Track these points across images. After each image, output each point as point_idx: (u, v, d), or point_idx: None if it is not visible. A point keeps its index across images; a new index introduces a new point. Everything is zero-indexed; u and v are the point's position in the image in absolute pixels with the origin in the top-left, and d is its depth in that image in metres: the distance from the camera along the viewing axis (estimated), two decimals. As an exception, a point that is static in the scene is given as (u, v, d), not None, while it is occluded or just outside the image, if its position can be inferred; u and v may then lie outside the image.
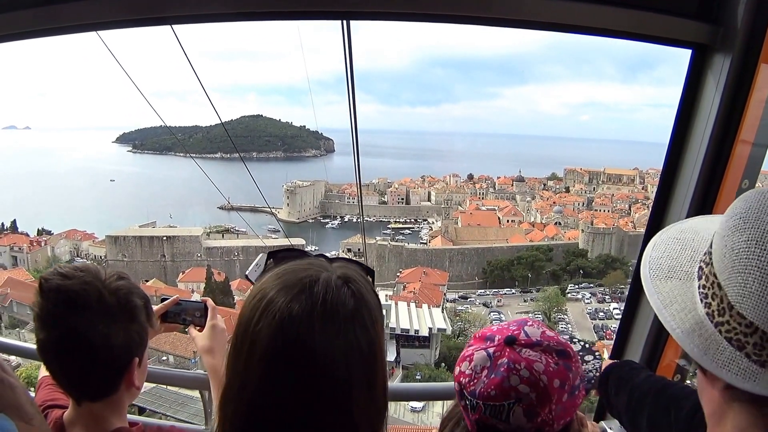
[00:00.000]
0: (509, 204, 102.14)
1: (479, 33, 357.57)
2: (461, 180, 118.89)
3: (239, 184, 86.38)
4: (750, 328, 1.02)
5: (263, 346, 1.07)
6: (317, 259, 1.21)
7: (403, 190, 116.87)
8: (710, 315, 1.09)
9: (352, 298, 1.10)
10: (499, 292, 75.34)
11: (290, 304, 1.06)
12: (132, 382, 1.58)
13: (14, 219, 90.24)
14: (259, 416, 1.10)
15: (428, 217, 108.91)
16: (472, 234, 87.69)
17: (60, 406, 1.71)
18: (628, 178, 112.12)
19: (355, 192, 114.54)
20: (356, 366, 1.08)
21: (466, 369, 1.43)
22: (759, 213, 1.01)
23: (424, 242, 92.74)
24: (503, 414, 1.35)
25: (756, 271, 0.98)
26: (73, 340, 1.46)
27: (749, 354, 1.03)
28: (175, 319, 2.23)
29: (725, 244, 1.05)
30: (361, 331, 1.09)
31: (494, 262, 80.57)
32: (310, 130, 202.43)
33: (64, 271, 1.51)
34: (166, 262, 75.81)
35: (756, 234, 1.00)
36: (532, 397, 1.34)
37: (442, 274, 70.22)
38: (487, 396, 1.35)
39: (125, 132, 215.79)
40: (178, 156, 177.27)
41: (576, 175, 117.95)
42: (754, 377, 1.03)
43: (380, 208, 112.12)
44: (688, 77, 2.38)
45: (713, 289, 1.08)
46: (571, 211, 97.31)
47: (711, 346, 1.08)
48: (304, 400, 1.06)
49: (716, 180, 2.33)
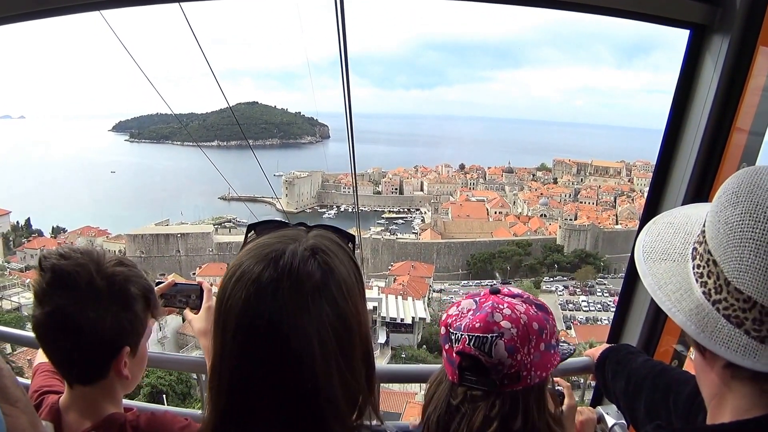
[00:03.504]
0: (497, 196, 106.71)
1: (473, 15, 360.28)
2: (452, 170, 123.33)
3: (237, 173, 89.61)
4: (748, 303, 1.02)
5: (234, 321, 1.07)
6: (294, 230, 1.21)
7: (397, 180, 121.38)
8: (707, 294, 1.09)
9: (319, 270, 1.08)
10: (481, 284, 78.17)
11: (257, 279, 1.06)
12: (120, 370, 1.60)
13: (28, 217, 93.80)
14: (235, 393, 1.10)
15: (421, 207, 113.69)
16: (459, 227, 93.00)
17: (56, 392, 1.77)
18: (614, 170, 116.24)
19: (351, 182, 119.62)
20: (327, 339, 1.06)
21: (453, 312, 1.55)
22: (751, 187, 1.03)
23: (416, 232, 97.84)
24: (486, 346, 1.44)
25: (752, 243, 0.99)
26: (60, 318, 1.50)
27: (748, 330, 1.03)
28: (170, 302, 2.22)
29: (719, 219, 1.06)
30: (330, 303, 1.07)
31: (477, 255, 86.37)
32: (306, 117, 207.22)
33: (63, 251, 1.55)
34: (180, 257, 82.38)
35: (750, 206, 1.01)
36: (513, 332, 1.44)
37: (429, 267, 76.78)
38: (472, 328, 1.46)
39: (122, 120, 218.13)
40: (175, 145, 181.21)
41: (564, 167, 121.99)
42: (755, 354, 1.03)
43: (375, 198, 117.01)
44: (686, 59, 2.37)
45: (708, 267, 1.09)
46: (557, 203, 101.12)
47: (709, 324, 1.08)
48: (276, 374, 1.05)
49: (713, 164, 2.34)
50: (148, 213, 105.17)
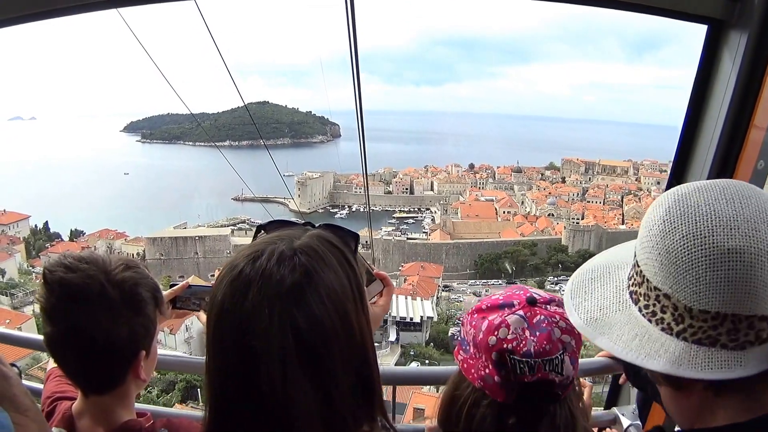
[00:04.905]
0: (506, 195, 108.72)
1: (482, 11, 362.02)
2: (462, 170, 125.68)
3: (249, 174, 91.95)
4: (717, 319, 1.02)
5: (213, 318, 1.08)
6: (295, 229, 1.19)
7: (408, 180, 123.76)
8: (667, 329, 1.09)
9: (294, 272, 1.04)
10: (488, 283, 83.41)
11: (235, 279, 1.05)
12: (138, 374, 1.59)
13: (46, 221, 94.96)
14: (217, 394, 1.09)
15: (431, 206, 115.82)
16: (468, 228, 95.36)
17: (69, 398, 1.76)
18: (621, 169, 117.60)
19: (362, 182, 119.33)
20: (288, 344, 1.01)
21: (507, 335, 1.42)
22: (683, 209, 1.04)
23: (426, 231, 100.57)
24: (558, 366, 1.39)
25: (705, 261, 0.99)
26: (76, 334, 1.47)
27: (725, 344, 1.03)
28: (185, 304, 2.21)
29: (658, 252, 1.05)
30: (302, 307, 1.02)
31: (485, 255, 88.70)
32: (317, 116, 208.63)
33: (68, 263, 1.50)
34: (198, 259, 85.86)
35: (689, 228, 1.01)
36: (573, 344, 1.42)
37: (438, 267, 79.73)
38: (544, 352, 1.38)
39: (133, 120, 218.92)
40: (187, 145, 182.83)
41: (573, 166, 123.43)
42: (740, 362, 1.03)
43: (385, 198, 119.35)
44: (704, 54, 2.33)
45: (660, 303, 1.08)
46: (565, 203, 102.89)
47: (682, 356, 1.07)
48: (243, 376, 1.03)
49: (731, 163, 2.30)
50: (163, 214, 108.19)
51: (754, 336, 1.03)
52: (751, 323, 1.02)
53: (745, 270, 0.98)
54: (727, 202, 1.03)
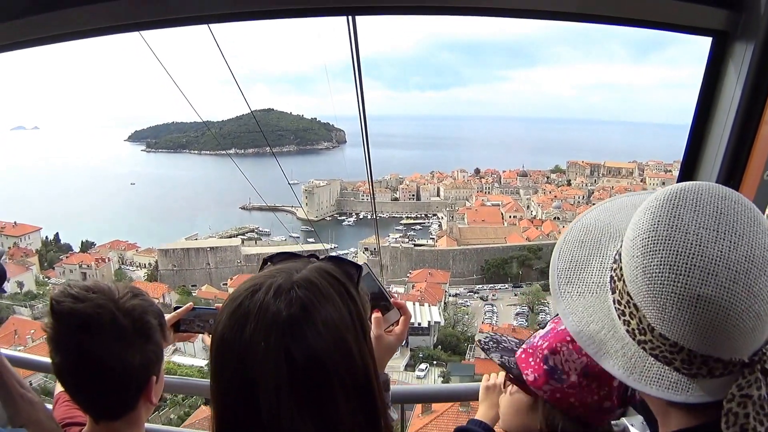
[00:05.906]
0: (511, 200, 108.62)
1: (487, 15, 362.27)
2: (468, 175, 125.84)
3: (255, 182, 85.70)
4: (675, 347, 1.01)
5: (214, 348, 1.12)
6: (298, 262, 1.22)
7: (414, 186, 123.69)
8: (631, 333, 1.08)
9: (290, 306, 1.07)
10: (495, 287, 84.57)
11: (234, 311, 1.09)
12: (150, 398, 1.62)
13: (57, 232, 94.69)
14: (221, 415, 1.12)
15: (438, 212, 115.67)
16: (475, 233, 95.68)
17: (78, 424, 1.78)
18: (626, 170, 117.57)
19: (369, 190, 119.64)
20: (281, 376, 1.04)
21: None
22: (670, 230, 0.99)
23: (433, 237, 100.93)
24: None
25: (673, 297, 0.97)
26: (88, 364, 1.47)
27: (678, 368, 1.03)
28: (189, 327, 2.24)
29: (636, 265, 1.03)
30: (298, 340, 1.05)
31: (491, 260, 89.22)
32: (321, 122, 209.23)
33: (76, 293, 1.50)
34: (210, 270, 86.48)
35: (668, 256, 0.97)
36: None
37: (445, 273, 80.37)
38: None
39: (137, 130, 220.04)
40: (192, 154, 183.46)
41: (578, 168, 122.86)
42: (687, 389, 1.04)
43: (392, 204, 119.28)
44: (708, 66, 2.33)
45: (630, 309, 1.06)
46: (570, 206, 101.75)
47: (637, 364, 1.07)
48: (246, 404, 1.06)
49: (737, 175, 2.29)
50: (172, 224, 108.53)
51: (706, 371, 1.01)
52: (705, 361, 1.01)
53: (711, 318, 0.96)
54: (717, 238, 0.97)
